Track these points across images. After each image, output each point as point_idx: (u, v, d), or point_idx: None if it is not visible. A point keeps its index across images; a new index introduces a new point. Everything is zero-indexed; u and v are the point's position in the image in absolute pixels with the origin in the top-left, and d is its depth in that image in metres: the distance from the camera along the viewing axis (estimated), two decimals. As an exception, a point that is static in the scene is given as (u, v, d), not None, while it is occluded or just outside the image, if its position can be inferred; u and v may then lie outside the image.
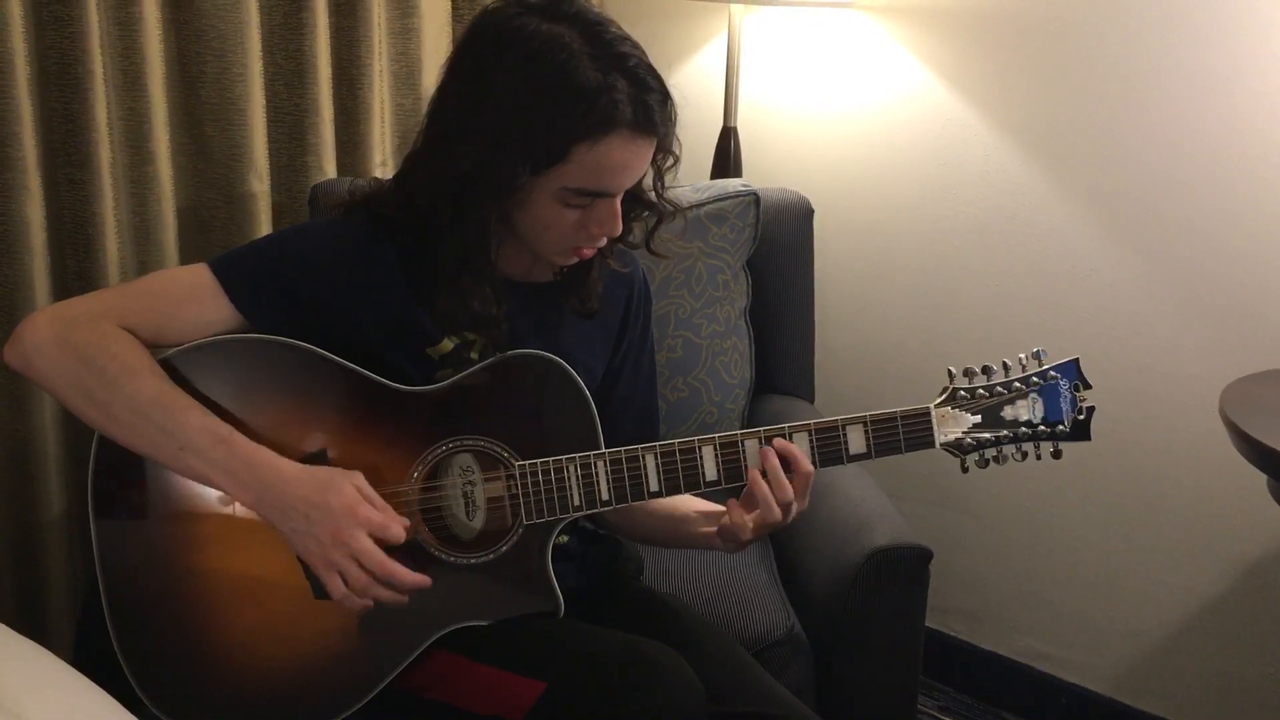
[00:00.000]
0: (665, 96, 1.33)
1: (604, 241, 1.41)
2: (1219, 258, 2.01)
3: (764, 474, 1.33)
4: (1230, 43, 1.94)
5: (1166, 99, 2.01)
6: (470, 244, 1.35)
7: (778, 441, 1.34)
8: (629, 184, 1.36)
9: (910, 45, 2.26)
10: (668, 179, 1.45)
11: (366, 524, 1.27)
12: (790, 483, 1.33)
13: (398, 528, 1.30)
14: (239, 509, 1.35)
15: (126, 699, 1.15)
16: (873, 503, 1.80)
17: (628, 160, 1.32)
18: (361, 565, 1.27)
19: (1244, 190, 1.97)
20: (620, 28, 1.33)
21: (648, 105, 1.29)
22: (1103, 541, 2.23)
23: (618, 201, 1.36)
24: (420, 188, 1.37)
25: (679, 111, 1.37)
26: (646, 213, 1.46)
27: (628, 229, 1.45)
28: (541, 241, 1.39)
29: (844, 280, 2.42)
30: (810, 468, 1.34)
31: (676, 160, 1.42)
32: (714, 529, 1.43)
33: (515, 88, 1.28)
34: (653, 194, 1.45)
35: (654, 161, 1.39)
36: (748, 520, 1.35)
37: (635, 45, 1.32)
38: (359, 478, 1.31)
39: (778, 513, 1.33)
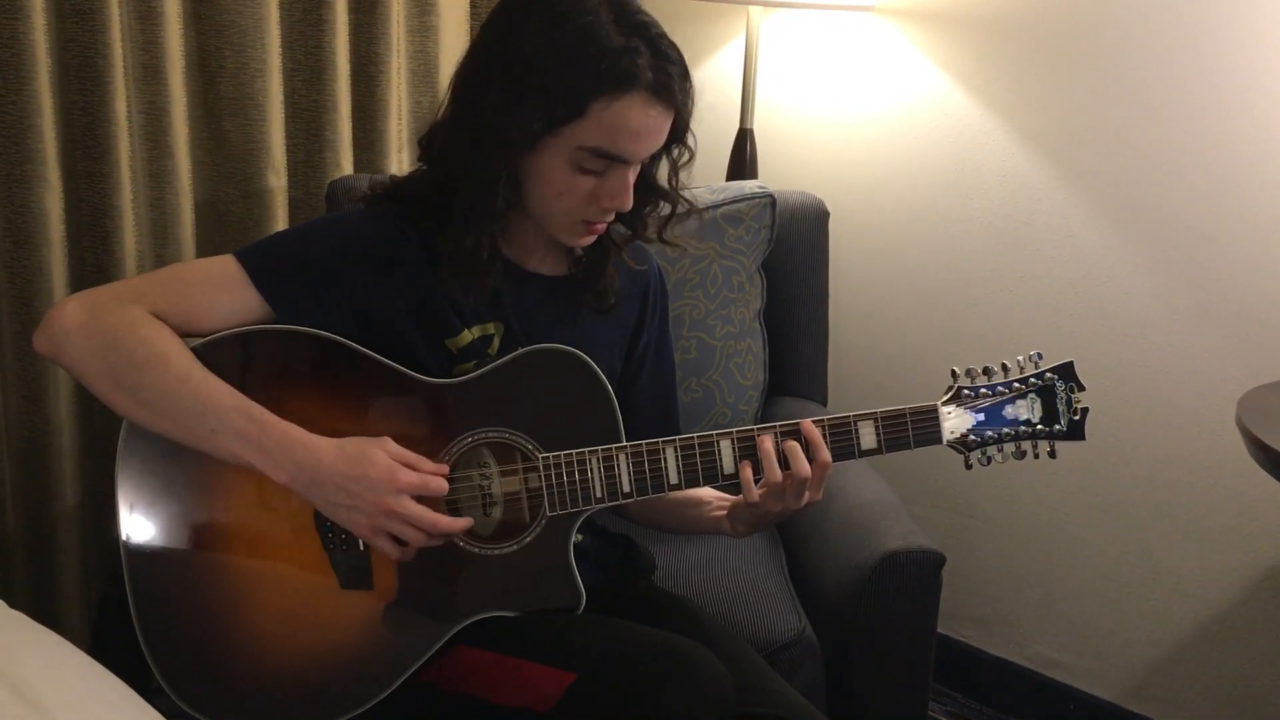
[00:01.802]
0: (685, 72, 1.35)
1: (612, 216, 1.42)
2: (1234, 264, 2.01)
3: (784, 465, 1.35)
4: (1249, 50, 1.93)
5: (1183, 105, 2.01)
6: (478, 191, 1.36)
7: (805, 425, 1.36)
8: (644, 153, 1.37)
9: (927, 50, 2.26)
10: (683, 176, 1.46)
11: (408, 488, 1.29)
12: (810, 469, 1.35)
13: (438, 481, 1.32)
14: (265, 499, 1.36)
15: (144, 688, 1.15)
16: (885, 506, 1.80)
17: (644, 124, 1.33)
18: (413, 526, 1.30)
19: (1260, 198, 1.97)
20: (646, 10, 1.36)
21: (668, 74, 1.32)
22: (1115, 548, 2.23)
23: (630, 173, 1.37)
24: (441, 146, 1.39)
25: (696, 109, 1.39)
26: (662, 201, 1.47)
27: (642, 223, 1.46)
28: (552, 211, 1.39)
29: (858, 283, 2.42)
30: (829, 457, 1.36)
31: (692, 156, 1.43)
32: (724, 512, 1.46)
33: (539, 43, 1.31)
34: (666, 184, 1.46)
35: (669, 153, 1.41)
36: (762, 499, 1.37)
37: (659, 24, 1.35)
38: (388, 442, 1.32)
39: (791, 492, 1.35)
